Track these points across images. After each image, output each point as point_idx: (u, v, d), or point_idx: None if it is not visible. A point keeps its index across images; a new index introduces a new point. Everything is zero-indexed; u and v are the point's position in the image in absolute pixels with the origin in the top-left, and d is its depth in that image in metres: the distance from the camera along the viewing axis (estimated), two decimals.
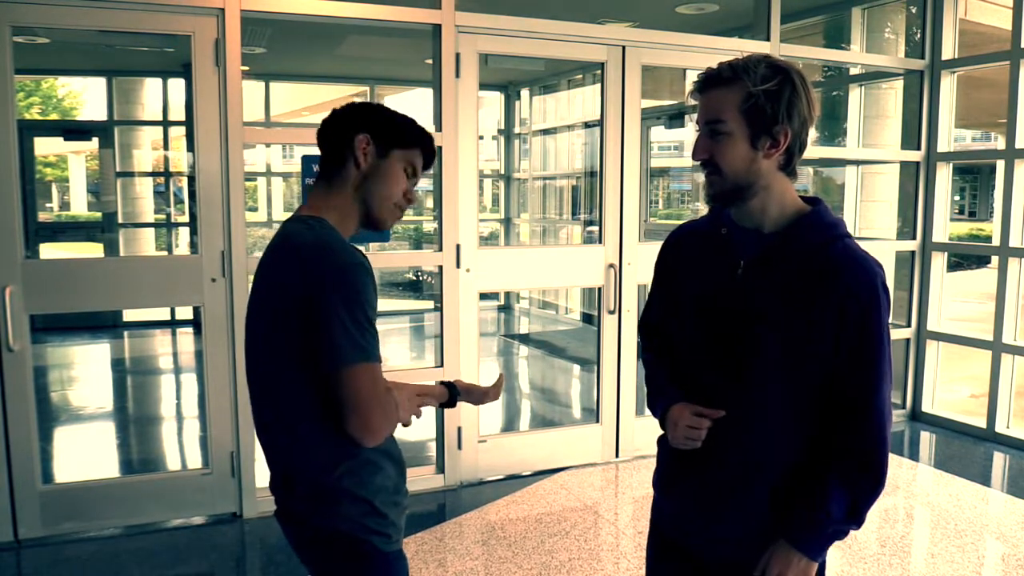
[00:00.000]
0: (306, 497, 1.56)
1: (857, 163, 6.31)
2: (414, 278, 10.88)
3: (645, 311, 1.78)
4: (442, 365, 4.10)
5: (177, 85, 8.89)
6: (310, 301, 1.43)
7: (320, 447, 1.52)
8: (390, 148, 1.61)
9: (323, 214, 1.59)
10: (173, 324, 8.97)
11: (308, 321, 1.44)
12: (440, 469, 4.18)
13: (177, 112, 9.09)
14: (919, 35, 5.37)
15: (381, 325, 1.60)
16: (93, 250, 9.27)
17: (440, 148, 3.99)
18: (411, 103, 9.53)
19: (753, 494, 1.50)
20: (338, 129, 1.63)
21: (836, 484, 1.44)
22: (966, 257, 16.54)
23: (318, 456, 1.53)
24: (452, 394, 1.79)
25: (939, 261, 5.41)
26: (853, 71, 6.23)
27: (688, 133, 8.44)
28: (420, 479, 4.10)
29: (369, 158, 1.60)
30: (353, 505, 1.55)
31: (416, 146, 1.65)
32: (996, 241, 5.02)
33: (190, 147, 7.63)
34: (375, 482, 1.57)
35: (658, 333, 1.72)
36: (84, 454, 4.87)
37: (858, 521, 1.45)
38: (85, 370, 7.58)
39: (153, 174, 9.85)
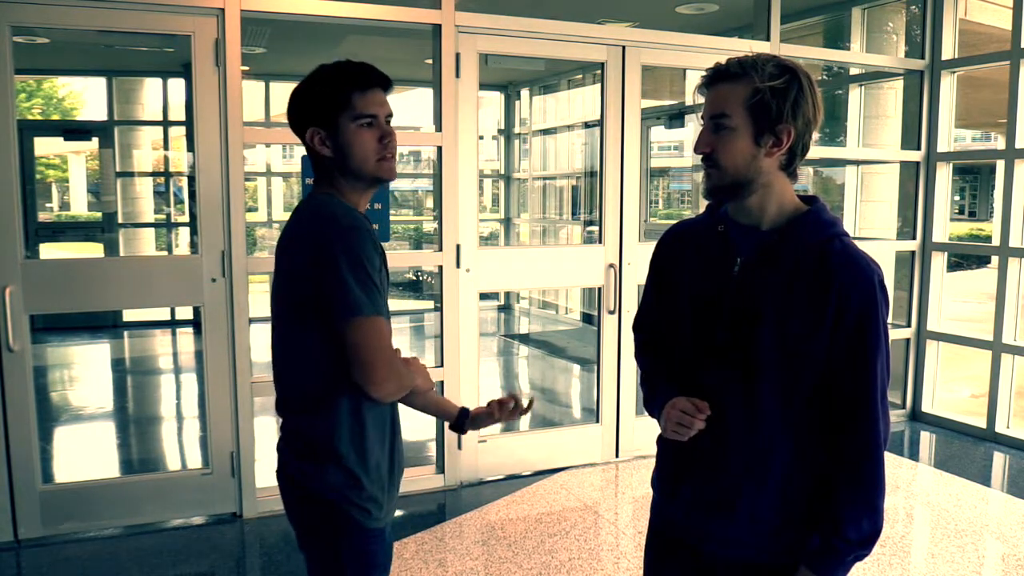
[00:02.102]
0: (303, 456, 1.65)
1: (857, 163, 6.31)
2: (414, 278, 10.88)
3: (640, 311, 1.77)
4: (442, 365, 4.09)
5: (177, 85, 8.89)
6: (315, 265, 1.53)
7: (326, 411, 1.61)
8: (335, 121, 1.60)
9: (332, 192, 1.66)
10: (173, 324, 8.97)
11: (315, 284, 1.53)
12: (440, 469, 4.18)
13: (177, 112, 9.09)
14: (919, 35, 5.37)
15: None
16: (93, 250, 9.27)
17: (440, 148, 3.99)
18: (411, 103, 9.52)
19: (759, 494, 1.49)
20: (296, 133, 1.67)
21: (843, 505, 1.44)
22: (966, 257, 16.53)
23: (322, 419, 1.62)
24: (462, 416, 1.91)
25: (939, 261, 5.41)
26: (853, 71, 6.23)
27: (688, 133, 8.44)
28: (420, 479, 4.10)
29: (328, 143, 1.62)
30: (339, 474, 1.62)
31: (349, 97, 1.60)
32: (996, 241, 5.02)
33: (190, 147, 7.62)
34: (366, 457, 1.64)
35: (654, 333, 1.72)
36: (84, 454, 4.87)
37: (875, 532, 1.45)
38: (85, 370, 7.58)
39: (153, 174, 9.84)
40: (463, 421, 1.91)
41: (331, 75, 1.62)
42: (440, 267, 4.07)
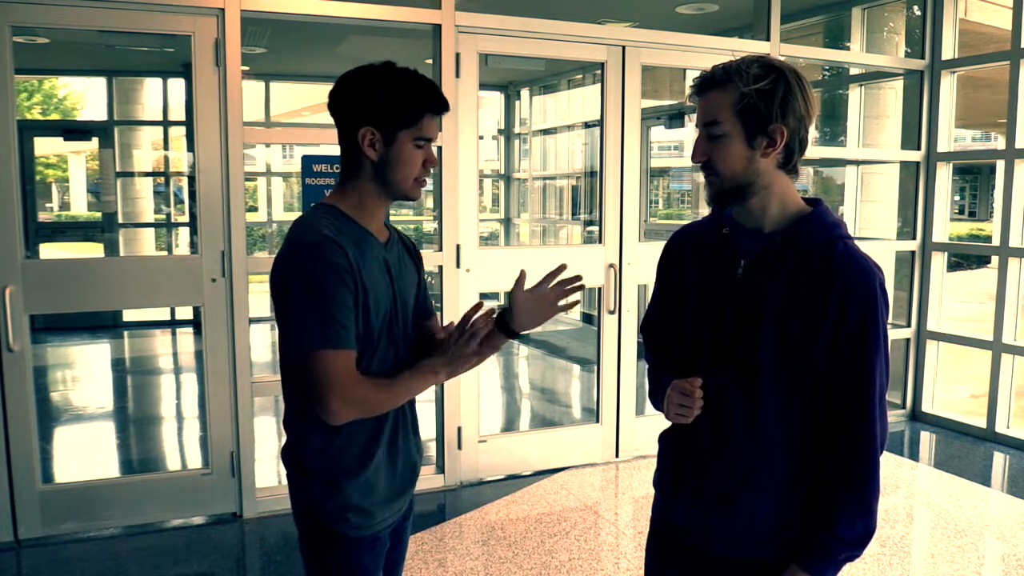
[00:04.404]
0: (288, 465, 1.67)
1: (857, 163, 6.31)
2: None
3: (648, 313, 1.78)
4: None
5: (177, 85, 8.89)
6: (278, 288, 1.54)
7: (298, 422, 1.63)
8: (395, 132, 1.56)
9: (340, 202, 1.61)
10: (173, 324, 8.97)
11: (276, 310, 1.56)
12: (440, 469, 4.18)
13: (177, 112, 9.09)
14: (919, 35, 5.37)
15: None
16: (93, 250, 9.27)
17: (440, 148, 3.99)
18: None
19: (760, 493, 1.50)
20: (341, 122, 1.61)
21: (838, 504, 1.44)
22: (966, 257, 16.54)
23: (296, 429, 1.64)
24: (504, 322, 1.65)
25: (939, 261, 5.41)
26: (853, 71, 6.23)
27: (688, 133, 8.43)
28: (420, 479, 4.08)
29: (378, 147, 1.57)
30: (315, 483, 1.62)
31: (421, 117, 1.57)
32: (996, 241, 5.02)
33: (190, 147, 7.63)
34: (342, 464, 1.61)
35: (661, 334, 1.72)
36: (84, 454, 4.87)
37: (868, 532, 1.46)
38: (85, 370, 7.58)
39: (153, 174, 9.84)
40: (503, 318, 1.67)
41: (408, 88, 1.57)
42: (440, 267, 4.07)
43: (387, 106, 1.55)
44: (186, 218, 9.56)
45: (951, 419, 5.29)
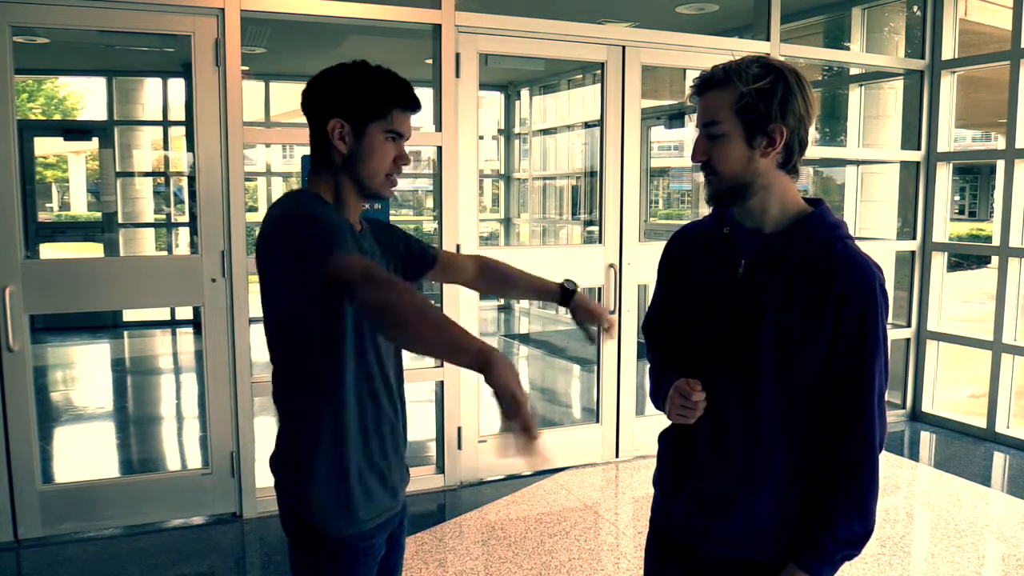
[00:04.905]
0: (282, 472, 1.61)
1: (857, 163, 6.31)
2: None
3: (649, 312, 1.78)
4: (442, 365, 4.09)
5: (177, 85, 8.89)
6: (270, 247, 1.46)
7: (292, 414, 1.58)
8: (365, 124, 1.53)
9: (318, 193, 1.58)
10: (173, 324, 8.97)
11: (285, 277, 1.46)
12: (440, 469, 4.18)
13: (177, 112, 9.09)
14: (919, 35, 5.37)
15: None
16: (93, 250, 9.27)
17: (440, 148, 3.99)
18: None
19: (759, 494, 1.50)
20: (311, 115, 1.58)
21: (836, 504, 1.44)
22: (966, 257, 16.53)
23: (297, 433, 1.58)
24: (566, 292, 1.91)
25: (939, 261, 5.41)
26: (853, 71, 6.23)
27: (688, 133, 8.43)
28: (420, 479, 4.10)
29: (347, 140, 1.54)
30: (314, 487, 1.55)
31: (391, 110, 1.55)
32: (996, 241, 5.02)
33: (190, 147, 7.63)
34: (344, 464, 1.55)
35: (663, 334, 1.72)
36: (84, 454, 4.87)
37: (866, 533, 1.46)
38: (85, 370, 7.58)
39: (153, 174, 9.84)
40: (569, 298, 1.92)
41: (379, 81, 1.55)
42: None
43: (356, 96, 1.53)
44: (186, 218, 9.55)
45: (951, 419, 5.29)
